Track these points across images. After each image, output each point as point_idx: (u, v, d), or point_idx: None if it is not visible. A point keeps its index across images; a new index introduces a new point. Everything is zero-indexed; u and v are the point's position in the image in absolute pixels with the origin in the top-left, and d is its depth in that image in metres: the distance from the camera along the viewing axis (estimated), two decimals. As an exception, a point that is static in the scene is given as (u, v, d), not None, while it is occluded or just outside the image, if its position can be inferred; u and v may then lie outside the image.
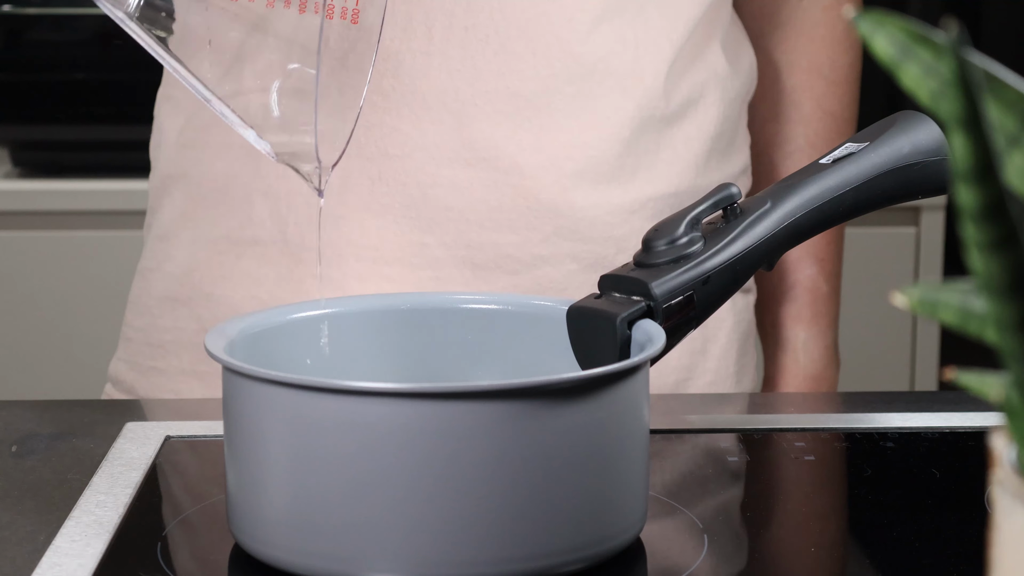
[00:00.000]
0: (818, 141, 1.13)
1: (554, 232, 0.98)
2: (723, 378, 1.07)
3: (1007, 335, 0.37)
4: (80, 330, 2.13)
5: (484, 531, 0.65)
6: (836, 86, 1.14)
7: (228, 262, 1.01)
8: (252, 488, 0.68)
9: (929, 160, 0.82)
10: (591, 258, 0.99)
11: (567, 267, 0.99)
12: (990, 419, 0.89)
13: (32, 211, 2.14)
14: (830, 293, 1.16)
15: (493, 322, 0.80)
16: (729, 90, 1.05)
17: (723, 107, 1.04)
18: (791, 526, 0.77)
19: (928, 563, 0.71)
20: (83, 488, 0.78)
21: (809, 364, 1.15)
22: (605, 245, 0.99)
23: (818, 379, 1.15)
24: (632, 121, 0.99)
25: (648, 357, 0.69)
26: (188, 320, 1.03)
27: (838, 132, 1.14)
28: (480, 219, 0.97)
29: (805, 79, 1.13)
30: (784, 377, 1.15)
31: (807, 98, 1.13)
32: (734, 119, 1.06)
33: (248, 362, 0.68)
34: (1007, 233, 0.36)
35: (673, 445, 0.86)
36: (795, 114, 1.14)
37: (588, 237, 0.99)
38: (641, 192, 1.00)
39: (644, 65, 0.99)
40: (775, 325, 1.16)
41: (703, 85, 1.02)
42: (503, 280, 0.98)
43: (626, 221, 0.99)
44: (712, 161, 1.04)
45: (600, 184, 0.98)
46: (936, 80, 0.38)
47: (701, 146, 1.03)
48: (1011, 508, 0.38)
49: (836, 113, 1.14)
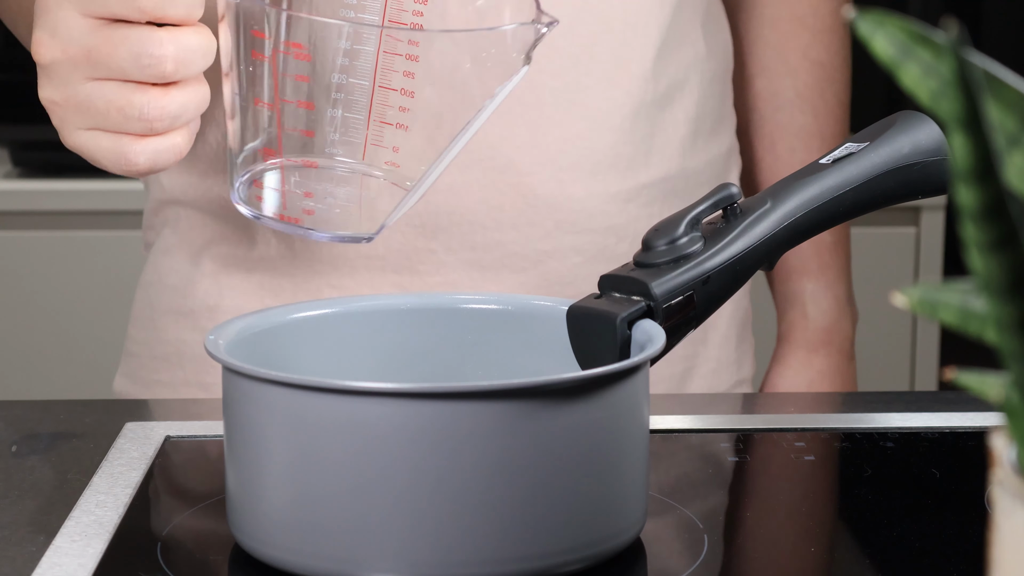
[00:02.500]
0: (807, 92, 1.13)
1: (555, 226, 0.98)
2: (725, 365, 1.07)
3: (1007, 335, 0.37)
4: (80, 330, 2.13)
5: (484, 531, 0.65)
6: (821, 34, 1.13)
7: (238, 275, 1.01)
8: (252, 488, 0.68)
9: (929, 160, 0.82)
10: (593, 249, 0.99)
11: (571, 260, 0.99)
12: (990, 419, 0.89)
13: (32, 211, 2.14)
14: (835, 243, 1.14)
15: (493, 322, 0.80)
16: (707, 71, 1.05)
17: (704, 88, 1.04)
18: (791, 526, 0.77)
19: (928, 563, 0.71)
20: (83, 488, 0.78)
21: (819, 316, 1.13)
22: (606, 235, 0.99)
23: (829, 331, 1.13)
24: (622, 108, 0.99)
25: (648, 357, 0.69)
26: (191, 332, 1.03)
27: (828, 80, 1.13)
28: (482, 220, 0.97)
29: (788, 30, 1.13)
30: (794, 333, 1.13)
31: (792, 49, 1.13)
32: (716, 99, 1.06)
33: (248, 362, 0.68)
34: (1007, 233, 0.36)
35: (673, 445, 0.86)
36: (782, 66, 1.13)
37: (588, 228, 0.99)
38: (636, 179, 1.00)
39: (631, 52, 0.99)
40: (783, 281, 1.15)
41: (687, 68, 1.03)
42: (511, 279, 0.98)
43: (624, 210, 1.00)
44: (698, 143, 1.04)
45: (597, 174, 0.99)
46: (936, 80, 0.38)
47: (687, 129, 1.03)
48: (1011, 508, 0.38)
49: (824, 62, 1.13)
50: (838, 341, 1.14)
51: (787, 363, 1.14)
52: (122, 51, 0.76)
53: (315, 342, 0.78)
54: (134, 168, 0.79)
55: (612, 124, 0.99)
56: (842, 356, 1.15)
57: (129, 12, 0.76)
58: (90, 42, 0.77)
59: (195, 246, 1.02)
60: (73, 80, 0.78)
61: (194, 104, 0.78)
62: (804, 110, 1.13)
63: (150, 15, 0.76)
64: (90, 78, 0.78)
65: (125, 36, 0.76)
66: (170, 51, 0.76)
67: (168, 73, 0.76)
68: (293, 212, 0.82)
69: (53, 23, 0.78)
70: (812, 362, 1.14)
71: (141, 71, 0.76)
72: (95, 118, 0.78)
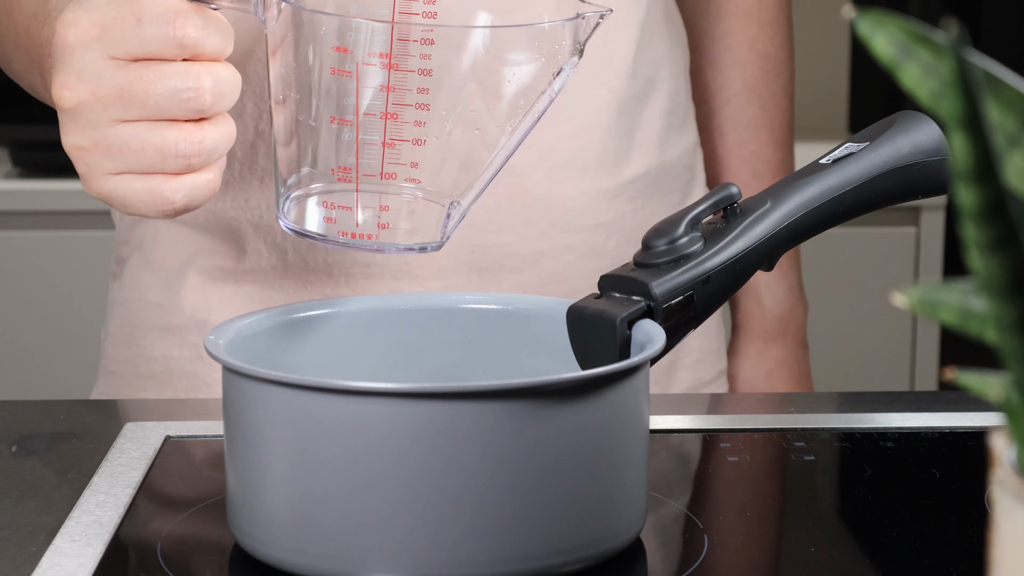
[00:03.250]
0: (755, 84, 1.14)
1: (550, 225, 0.99)
2: (708, 354, 1.08)
3: (1007, 335, 0.37)
4: (80, 330, 2.13)
5: (484, 531, 0.65)
6: (767, 27, 1.14)
7: (228, 287, 1.00)
8: (252, 488, 0.68)
9: (929, 160, 0.82)
10: (585, 247, 1.00)
11: (566, 258, 0.99)
12: (990, 419, 0.89)
13: (32, 211, 2.14)
14: None
15: (493, 322, 0.80)
16: (674, 64, 1.06)
17: (673, 81, 1.05)
18: (791, 526, 0.77)
19: (928, 563, 0.71)
20: (83, 488, 0.78)
21: (774, 306, 1.15)
22: (596, 232, 1.00)
23: (785, 320, 1.15)
24: (608, 106, 1.00)
25: (648, 357, 0.69)
26: (179, 349, 1.01)
27: (775, 73, 1.14)
28: (480, 222, 0.97)
29: (735, 23, 1.14)
30: (750, 323, 1.15)
31: (739, 42, 1.14)
32: (683, 92, 1.07)
33: (248, 362, 0.68)
34: (1007, 233, 0.36)
35: (673, 445, 0.86)
36: (729, 59, 1.14)
37: (580, 226, 1.00)
38: (621, 175, 1.01)
39: (614, 48, 1.00)
40: None
41: (659, 62, 1.04)
42: (508, 279, 0.98)
43: (612, 206, 1.01)
44: (672, 136, 1.05)
45: (588, 172, 0.99)
46: (936, 80, 0.38)
47: (662, 123, 1.04)
48: (1011, 508, 0.38)
49: (770, 54, 1.14)
50: (793, 329, 1.15)
51: (745, 353, 1.15)
52: (159, 87, 0.74)
53: (315, 342, 0.78)
54: (170, 207, 0.76)
55: (600, 121, 1.00)
56: (797, 344, 1.16)
57: (168, 49, 0.74)
58: (121, 82, 0.75)
59: (179, 260, 1.01)
60: (102, 123, 0.75)
61: (226, 139, 0.77)
62: (752, 101, 1.14)
63: (190, 51, 0.74)
64: (121, 119, 0.75)
65: (161, 72, 0.74)
66: (208, 84, 0.74)
67: (207, 106, 0.75)
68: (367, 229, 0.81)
69: (79, 65, 0.75)
70: (769, 351, 1.15)
71: (180, 105, 0.74)
72: (127, 160, 0.76)
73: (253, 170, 0.98)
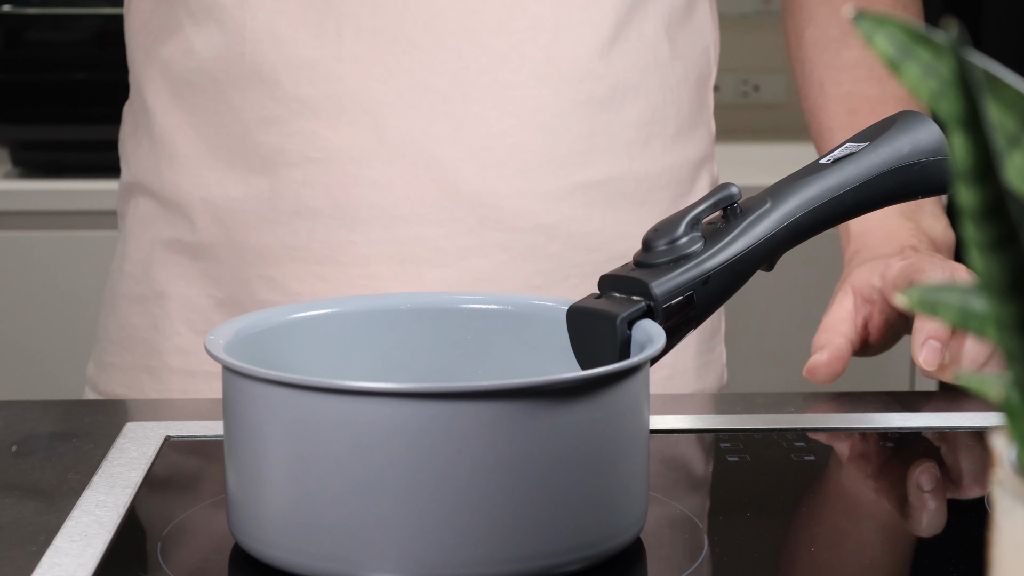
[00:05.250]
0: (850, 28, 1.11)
1: (478, 223, 0.99)
2: (680, 372, 1.07)
3: (1007, 335, 0.37)
4: (80, 330, 2.13)
5: (484, 531, 0.65)
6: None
7: (184, 262, 1.04)
8: (252, 488, 0.68)
9: (929, 160, 0.82)
10: (521, 247, 1.00)
11: (497, 257, 0.99)
12: (990, 419, 0.89)
13: (32, 211, 2.14)
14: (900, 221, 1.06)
15: (493, 322, 0.80)
16: (671, 75, 1.04)
17: (665, 92, 1.04)
18: (791, 526, 0.77)
19: (928, 563, 0.71)
20: (83, 488, 0.78)
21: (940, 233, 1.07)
22: (534, 234, 1.00)
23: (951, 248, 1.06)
24: (551, 107, 0.99)
25: (648, 357, 0.69)
26: (141, 317, 1.06)
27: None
28: (404, 215, 0.98)
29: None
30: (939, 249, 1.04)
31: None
32: (683, 104, 1.06)
33: (248, 362, 0.68)
34: (1007, 233, 0.36)
35: (672, 445, 0.86)
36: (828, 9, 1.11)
37: (515, 226, 0.99)
38: (570, 179, 1.00)
39: (562, 51, 0.99)
40: None
41: (641, 71, 1.03)
42: (432, 273, 0.99)
43: (555, 209, 1.00)
44: (653, 147, 1.04)
45: (526, 172, 0.99)
46: (936, 80, 0.38)
47: (638, 132, 1.03)
48: (1011, 508, 0.38)
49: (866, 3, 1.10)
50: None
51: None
52: None
53: (315, 342, 0.78)
54: None
55: (539, 121, 0.99)
56: None
57: None
58: None
59: (150, 233, 1.06)
60: None
61: None
62: (850, 44, 1.11)
63: None
64: None
65: None
66: None
67: None
68: None
69: None
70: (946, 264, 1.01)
71: None
72: None
73: None
